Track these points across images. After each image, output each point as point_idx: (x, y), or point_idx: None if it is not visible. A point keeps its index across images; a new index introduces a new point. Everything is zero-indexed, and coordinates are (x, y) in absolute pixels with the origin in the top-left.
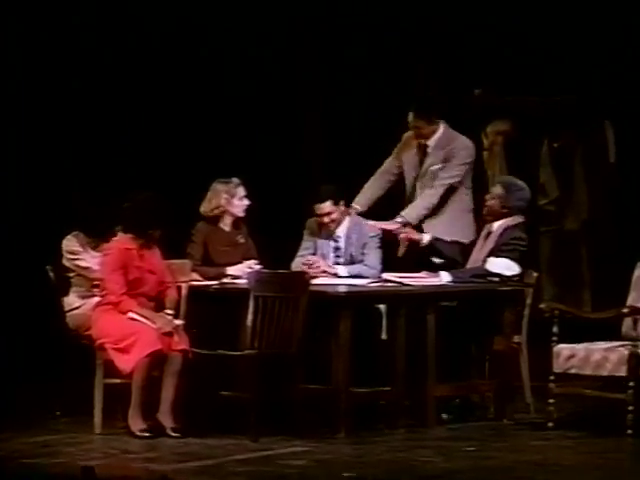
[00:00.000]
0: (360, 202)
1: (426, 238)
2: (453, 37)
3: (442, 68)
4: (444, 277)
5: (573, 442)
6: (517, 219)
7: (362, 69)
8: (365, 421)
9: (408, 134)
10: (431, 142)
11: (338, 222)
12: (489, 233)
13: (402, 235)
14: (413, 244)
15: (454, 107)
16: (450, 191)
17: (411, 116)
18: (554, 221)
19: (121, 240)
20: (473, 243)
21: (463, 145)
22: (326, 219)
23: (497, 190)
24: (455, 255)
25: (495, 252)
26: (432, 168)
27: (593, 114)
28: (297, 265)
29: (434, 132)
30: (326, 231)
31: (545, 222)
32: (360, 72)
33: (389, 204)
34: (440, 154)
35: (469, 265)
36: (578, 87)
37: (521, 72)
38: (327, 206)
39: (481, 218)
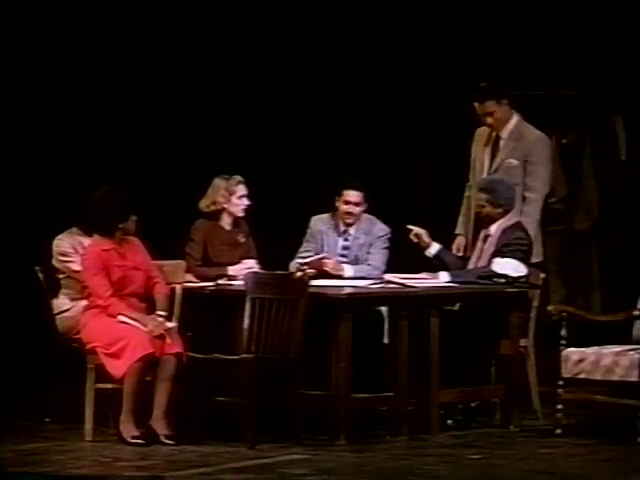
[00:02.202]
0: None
1: (434, 248)
2: (460, 31)
3: (448, 62)
4: (443, 277)
5: (582, 450)
6: (512, 218)
7: (364, 69)
8: (366, 428)
9: (479, 131)
10: (504, 133)
11: (356, 220)
12: (487, 236)
13: (413, 233)
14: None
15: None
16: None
17: (478, 106)
18: (563, 220)
19: (96, 242)
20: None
21: (540, 140)
22: (352, 208)
23: (481, 196)
24: (458, 268)
25: (497, 255)
26: (506, 164)
27: (603, 109)
28: (295, 266)
29: (507, 120)
30: (343, 221)
31: (553, 221)
32: (362, 72)
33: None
34: (513, 146)
35: None
36: (588, 81)
37: (528, 65)
38: (360, 195)
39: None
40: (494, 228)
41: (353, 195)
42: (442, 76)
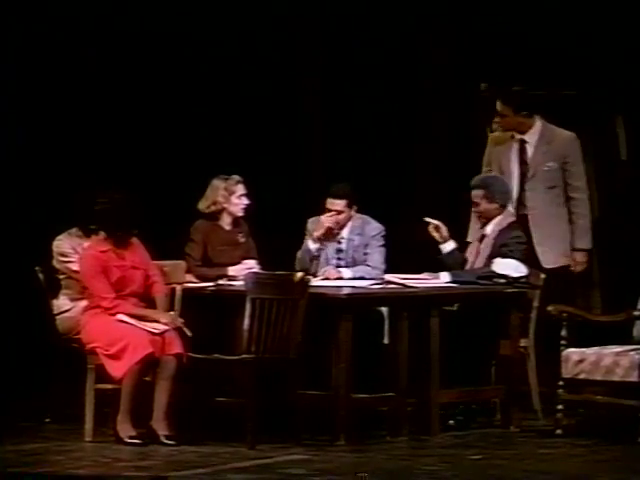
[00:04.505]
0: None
1: (450, 245)
2: (458, 31)
3: (446, 63)
4: (444, 277)
5: (582, 450)
6: (508, 217)
7: (363, 69)
8: (366, 428)
9: (493, 136)
10: (530, 137)
11: (342, 225)
12: (483, 237)
13: (433, 225)
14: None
15: (458, 102)
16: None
17: (498, 104)
18: None
19: (94, 244)
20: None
21: (572, 139)
22: (333, 217)
23: (478, 193)
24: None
25: (496, 256)
26: (545, 168)
27: (604, 109)
28: (300, 261)
29: (528, 126)
30: (328, 235)
31: None
32: (361, 72)
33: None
34: (546, 150)
35: None
36: (588, 81)
37: (528, 65)
38: (341, 203)
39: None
40: (490, 228)
41: (333, 204)
42: (442, 76)
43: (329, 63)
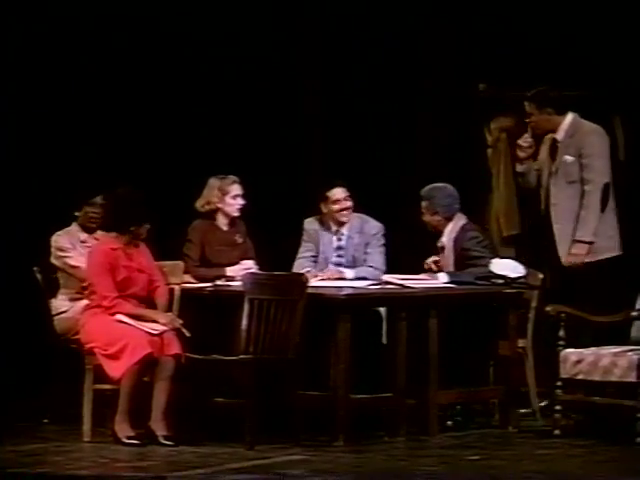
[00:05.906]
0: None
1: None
2: (458, 31)
3: (446, 63)
4: (442, 278)
5: (581, 450)
6: (458, 222)
7: (364, 68)
8: (365, 429)
9: (546, 137)
10: (559, 135)
11: (350, 214)
12: (442, 248)
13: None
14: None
15: (458, 102)
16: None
17: (525, 104)
18: None
19: (105, 241)
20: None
21: (593, 132)
22: (344, 204)
23: (423, 203)
24: None
25: (462, 263)
26: (563, 161)
27: (602, 110)
28: (299, 266)
29: (558, 124)
30: (337, 221)
31: None
32: (361, 72)
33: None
34: (568, 143)
35: None
36: (588, 81)
37: (528, 65)
38: (342, 192)
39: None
40: (445, 239)
41: (340, 192)
42: (442, 76)
43: (329, 63)
